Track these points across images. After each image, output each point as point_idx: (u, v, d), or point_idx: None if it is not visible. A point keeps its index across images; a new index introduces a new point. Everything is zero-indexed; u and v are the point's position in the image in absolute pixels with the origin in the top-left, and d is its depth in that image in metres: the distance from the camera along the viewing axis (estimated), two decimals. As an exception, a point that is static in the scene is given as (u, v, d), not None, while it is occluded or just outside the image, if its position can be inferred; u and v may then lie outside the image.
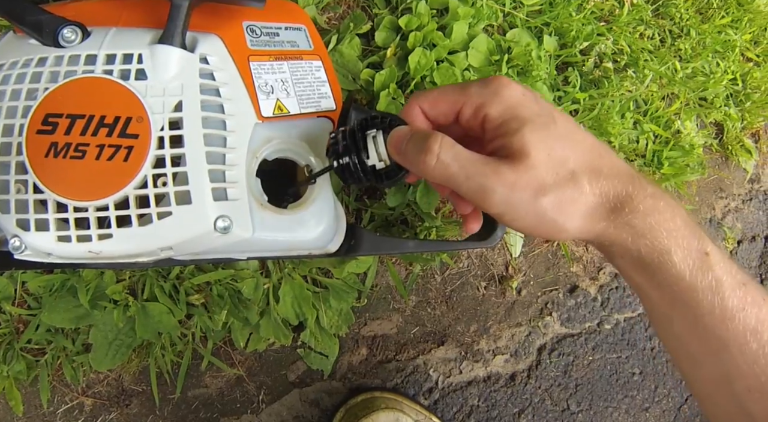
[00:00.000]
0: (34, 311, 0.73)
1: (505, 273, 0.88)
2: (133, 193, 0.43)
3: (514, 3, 0.88)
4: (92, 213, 0.43)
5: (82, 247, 0.43)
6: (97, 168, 0.43)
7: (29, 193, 0.43)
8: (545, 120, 0.43)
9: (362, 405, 0.79)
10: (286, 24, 0.59)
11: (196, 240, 0.46)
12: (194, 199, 0.45)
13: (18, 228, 0.43)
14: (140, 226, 0.44)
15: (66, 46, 0.48)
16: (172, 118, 0.45)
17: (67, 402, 0.77)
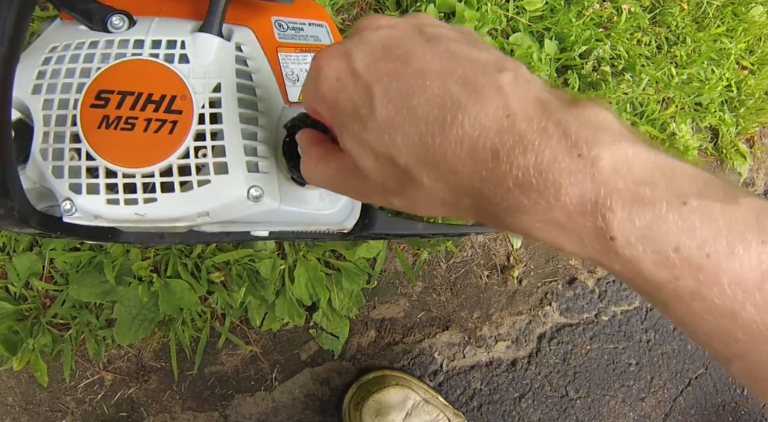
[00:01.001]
0: (60, 287, 0.80)
1: (507, 264, 0.95)
2: (176, 163, 0.50)
3: (517, 8, 0.96)
4: (139, 179, 0.50)
5: (129, 210, 0.50)
6: (145, 139, 0.50)
7: (82, 160, 0.49)
8: (362, 115, 0.36)
9: (374, 381, 0.86)
10: (310, 20, 0.66)
11: (230, 206, 0.52)
12: (231, 169, 0.51)
13: (70, 192, 0.49)
14: (182, 192, 0.50)
15: (114, 31, 0.55)
16: (212, 97, 0.52)
17: (88, 377, 0.84)
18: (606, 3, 1.03)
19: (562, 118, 0.30)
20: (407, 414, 0.83)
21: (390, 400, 0.83)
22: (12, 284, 0.79)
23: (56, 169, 0.49)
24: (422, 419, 0.83)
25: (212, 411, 0.87)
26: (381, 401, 0.83)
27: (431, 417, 0.83)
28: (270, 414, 0.88)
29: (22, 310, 0.79)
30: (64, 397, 0.84)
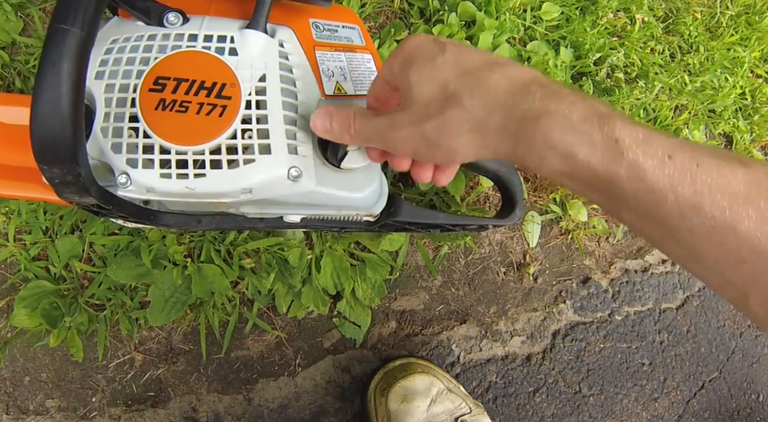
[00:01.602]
0: (98, 269, 0.87)
1: (523, 261, 1.02)
2: (224, 142, 0.58)
3: (534, 18, 1.04)
4: (190, 156, 0.57)
5: (180, 183, 0.57)
6: (197, 120, 0.57)
7: (139, 138, 0.57)
8: (432, 53, 0.48)
9: (400, 368, 0.92)
10: (343, 23, 0.75)
11: (271, 184, 0.60)
12: (273, 150, 0.59)
13: (127, 166, 0.57)
14: (229, 169, 0.58)
15: (169, 27, 0.63)
16: (258, 86, 0.61)
17: (119, 356, 0.91)
18: (620, 13, 1.11)
19: (565, 84, 0.47)
20: (432, 401, 0.89)
21: (416, 386, 0.89)
22: (53, 265, 0.87)
23: (115, 145, 0.57)
24: (446, 406, 0.89)
25: (236, 394, 0.94)
26: (407, 387, 0.89)
27: (454, 405, 0.89)
28: (292, 398, 0.94)
29: (61, 290, 0.87)
30: (95, 375, 0.91)
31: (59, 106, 0.45)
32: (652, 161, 0.38)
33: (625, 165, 0.39)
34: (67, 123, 0.45)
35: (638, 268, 1.10)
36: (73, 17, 0.45)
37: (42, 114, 0.45)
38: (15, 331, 0.89)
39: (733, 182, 0.36)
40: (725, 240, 0.36)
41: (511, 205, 0.82)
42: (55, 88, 0.44)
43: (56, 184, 0.49)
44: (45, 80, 0.45)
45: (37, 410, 0.91)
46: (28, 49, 0.91)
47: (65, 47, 0.45)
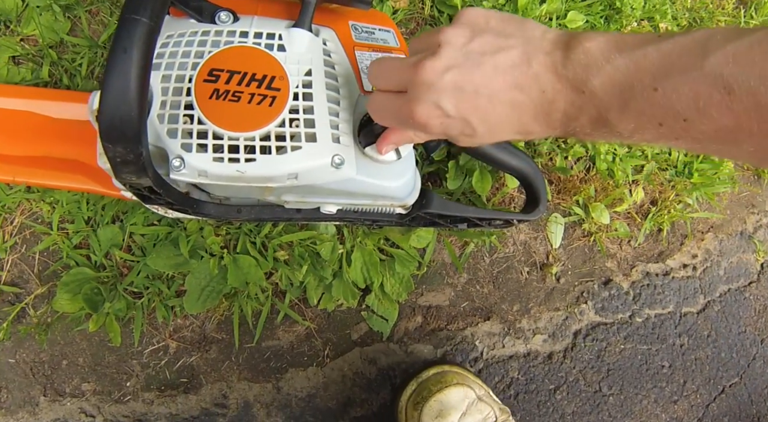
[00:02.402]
0: (137, 258, 0.94)
1: (546, 261, 1.08)
2: (274, 130, 0.65)
3: (560, 26, 1.11)
4: (242, 142, 0.64)
5: (232, 167, 0.64)
6: (248, 109, 0.64)
7: (194, 124, 0.64)
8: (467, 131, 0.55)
9: (434, 379, 0.97)
10: (380, 26, 0.82)
11: (316, 171, 0.66)
12: (319, 138, 0.66)
13: (182, 150, 0.63)
14: (277, 155, 0.64)
15: (221, 24, 0.70)
16: (304, 80, 0.68)
17: (154, 343, 0.98)
18: (644, 22, 1.18)
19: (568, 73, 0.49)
20: (463, 413, 0.93)
21: (451, 400, 0.93)
22: (93, 253, 0.94)
23: (171, 130, 0.63)
24: (475, 418, 0.93)
25: (266, 383, 1.00)
26: (443, 401, 0.93)
27: (483, 416, 0.94)
28: (320, 388, 1.01)
29: (102, 277, 0.94)
30: (130, 361, 0.98)
31: (128, 89, 0.51)
32: (651, 134, 0.45)
33: (635, 140, 0.48)
34: (134, 105, 0.52)
35: (659, 272, 1.16)
36: (144, 8, 0.52)
37: (111, 96, 0.51)
38: (56, 316, 0.95)
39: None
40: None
41: (535, 201, 0.89)
42: (125, 72, 0.51)
43: (117, 163, 0.55)
44: (116, 65, 0.51)
45: (73, 393, 0.97)
46: (74, 48, 0.99)
47: (136, 35, 0.52)
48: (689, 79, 0.41)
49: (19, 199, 0.95)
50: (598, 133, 0.49)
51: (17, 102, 0.91)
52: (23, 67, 0.98)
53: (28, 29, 0.98)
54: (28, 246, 0.97)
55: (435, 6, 1.08)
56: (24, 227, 0.96)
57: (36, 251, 0.96)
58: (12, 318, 0.95)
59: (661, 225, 1.15)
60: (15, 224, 0.96)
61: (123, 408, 0.98)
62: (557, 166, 1.07)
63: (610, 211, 1.10)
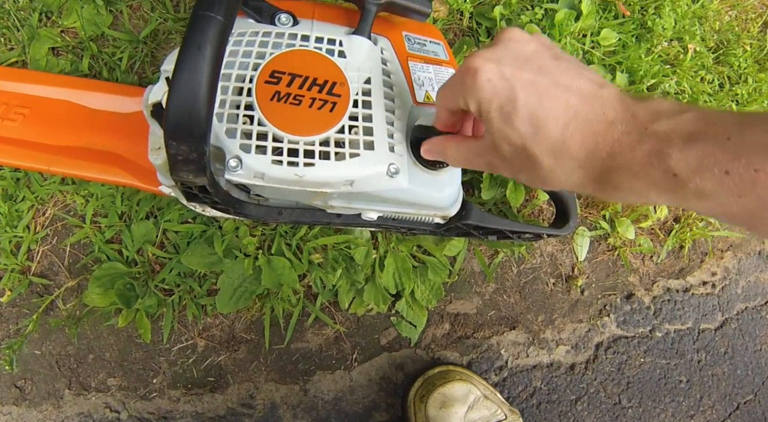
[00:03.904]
0: (170, 255, 0.95)
1: (571, 274, 1.09)
2: (333, 136, 0.65)
3: (593, 43, 1.12)
4: (302, 146, 0.64)
5: (290, 170, 0.64)
6: (309, 114, 0.65)
7: (254, 125, 0.64)
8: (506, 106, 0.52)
9: (439, 375, 0.99)
10: (430, 39, 0.83)
11: (371, 178, 0.67)
12: (376, 147, 0.66)
13: (240, 151, 0.63)
14: (336, 161, 0.65)
15: (280, 26, 0.71)
16: (364, 88, 0.69)
17: (182, 341, 0.98)
18: (673, 42, 1.19)
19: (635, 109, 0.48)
20: (469, 407, 0.95)
21: (454, 393, 0.96)
22: (126, 248, 0.94)
23: (230, 130, 0.64)
24: (482, 413, 0.95)
25: (293, 384, 1.01)
26: (446, 394, 0.96)
27: (490, 412, 0.96)
28: (347, 392, 1.01)
29: (133, 273, 0.94)
30: (157, 358, 0.98)
31: (199, 86, 0.51)
32: (711, 182, 0.42)
33: (688, 191, 0.43)
34: (204, 103, 0.52)
35: (680, 288, 1.17)
36: (218, 6, 0.52)
37: (182, 92, 0.51)
38: (85, 310, 0.95)
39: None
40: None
41: (566, 217, 0.91)
42: (197, 69, 0.51)
43: (178, 160, 0.55)
44: (188, 61, 0.51)
45: (99, 387, 0.97)
46: (115, 42, 0.99)
47: (210, 32, 0.52)
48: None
49: (52, 190, 0.95)
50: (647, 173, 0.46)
51: (56, 91, 0.91)
52: (62, 58, 0.97)
53: (68, 21, 0.98)
54: (59, 239, 0.97)
55: (474, 18, 1.09)
56: (56, 219, 0.96)
57: (67, 244, 0.96)
58: (42, 309, 0.95)
59: (683, 242, 1.17)
60: (47, 215, 0.96)
61: (148, 405, 0.98)
62: (586, 180, 1.08)
63: (634, 227, 1.12)
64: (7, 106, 0.90)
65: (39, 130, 0.89)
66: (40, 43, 0.97)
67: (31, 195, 0.95)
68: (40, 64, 0.97)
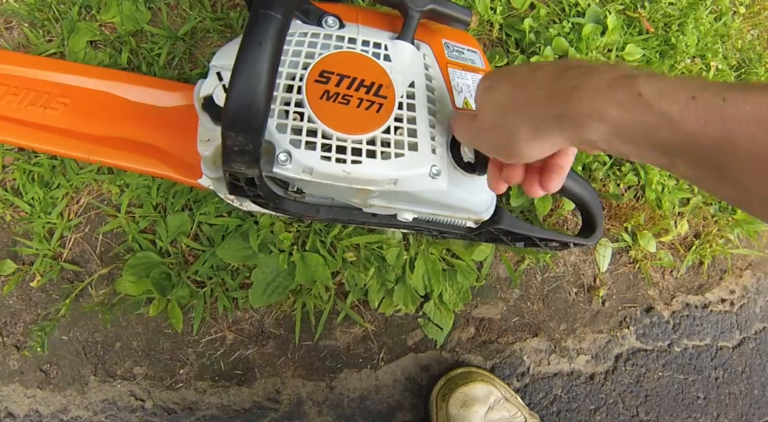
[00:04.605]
0: (203, 247, 0.96)
1: (593, 284, 1.11)
2: (380, 136, 0.67)
3: (618, 57, 1.14)
4: (349, 143, 0.66)
5: (338, 167, 0.66)
6: (357, 113, 0.66)
7: (304, 122, 0.65)
8: (492, 87, 0.58)
9: (461, 376, 1.01)
10: (468, 47, 0.85)
11: (414, 178, 0.69)
12: (420, 148, 0.68)
13: (290, 146, 0.65)
14: (382, 160, 0.66)
15: (327, 28, 0.73)
16: (408, 91, 0.70)
17: (211, 333, 1.00)
18: (696, 59, 1.21)
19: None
20: (489, 408, 0.96)
21: (475, 393, 0.97)
22: (160, 239, 0.96)
23: (280, 125, 0.65)
24: (502, 414, 0.97)
25: (320, 381, 1.02)
26: (467, 393, 0.97)
27: (510, 414, 0.97)
28: (372, 390, 1.03)
29: (166, 263, 0.95)
30: (185, 349, 0.99)
31: (259, 79, 0.53)
32: (677, 106, 0.41)
33: (653, 114, 0.43)
34: (262, 96, 0.54)
35: (699, 304, 1.18)
36: (278, 5, 0.54)
37: (242, 85, 0.53)
38: (117, 297, 0.97)
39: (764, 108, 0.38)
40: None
41: (592, 227, 0.92)
42: (258, 63, 0.53)
43: (234, 151, 0.57)
44: (249, 56, 0.53)
45: (124, 375, 0.98)
46: (153, 37, 1.01)
47: (270, 29, 0.54)
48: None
49: (88, 179, 0.96)
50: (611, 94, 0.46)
51: (97, 82, 0.94)
52: (101, 51, 0.99)
53: (107, 16, 1.00)
54: (92, 227, 0.98)
55: (503, 29, 1.11)
56: (90, 207, 0.98)
57: (100, 232, 0.98)
58: (75, 294, 0.96)
59: (703, 258, 1.18)
60: (81, 204, 0.98)
61: (174, 395, 0.99)
62: (610, 192, 1.09)
63: (656, 241, 1.13)
64: (50, 95, 0.92)
65: (80, 120, 0.92)
66: (79, 35, 0.99)
67: (66, 183, 0.97)
68: (79, 56, 0.99)
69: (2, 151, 0.97)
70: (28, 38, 1.00)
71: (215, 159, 0.75)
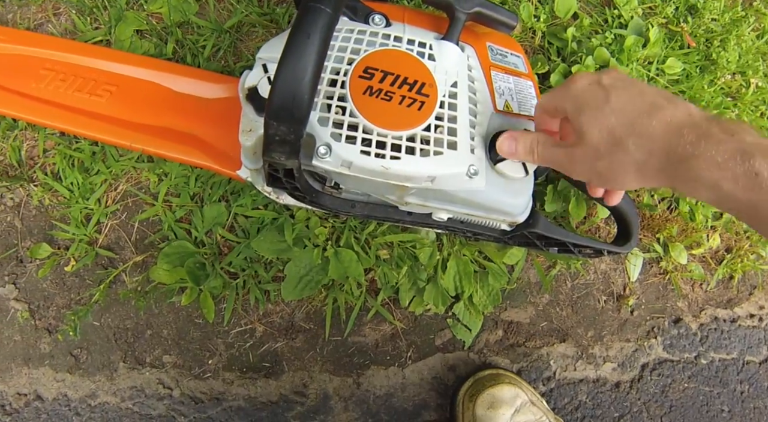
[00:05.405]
0: (238, 239, 0.97)
1: (623, 293, 1.10)
2: (420, 133, 0.67)
3: (658, 70, 1.13)
4: (389, 139, 0.66)
5: (378, 162, 0.66)
6: (399, 110, 0.66)
7: (346, 116, 0.66)
8: (599, 102, 0.59)
9: (489, 377, 1.00)
10: (511, 51, 0.85)
11: (451, 177, 0.69)
12: (459, 147, 0.68)
13: (331, 139, 0.65)
14: (420, 157, 0.66)
15: (374, 26, 0.73)
16: (450, 91, 0.70)
17: (241, 325, 1.00)
18: (736, 76, 1.20)
19: (717, 119, 0.53)
20: (516, 410, 0.96)
21: (503, 395, 0.97)
22: (195, 229, 0.97)
23: (322, 119, 0.66)
24: (528, 418, 0.96)
25: (347, 377, 1.02)
26: (494, 395, 0.97)
27: (536, 418, 0.97)
28: (398, 388, 1.03)
29: (201, 253, 0.96)
30: (215, 339, 1.00)
31: (305, 71, 0.54)
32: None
33: (764, 193, 0.47)
34: (308, 88, 0.54)
35: (727, 318, 1.17)
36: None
37: (289, 75, 0.54)
38: (151, 285, 0.98)
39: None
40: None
41: (627, 235, 0.91)
42: (306, 54, 0.54)
43: (276, 141, 0.57)
44: (297, 46, 0.54)
45: (153, 363, 0.99)
46: (199, 29, 1.02)
47: (319, 22, 0.55)
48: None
49: (127, 166, 0.97)
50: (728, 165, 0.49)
51: (143, 71, 0.95)
52: (147, 40, 1.01)
53: (154, 6, 1.01)
54: (128, 214, 0.99)
55: (546, 37, 1.11)
56: (128, 195, 0.99)
57: (136, 220, 0.99)
58: (110, 280, 0.97)
59: (733, 272, 1.17)
60: (119, 191, 0.99)
61: (201, 385, 1.00)
62: (644, 202, 1.08)
63: (687, 253, 1.12)
64: (96, 82, 0.94)
65: (124, 108, 0.93)
66: (126, 24, 1.00)
67: (105, 169, 0.98)
68: (125, 44, 1.00)
69: (44, 136, 0.99)
70: (75, 25, 1.02)
71: (256, 149, 0.75)
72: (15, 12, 1.04)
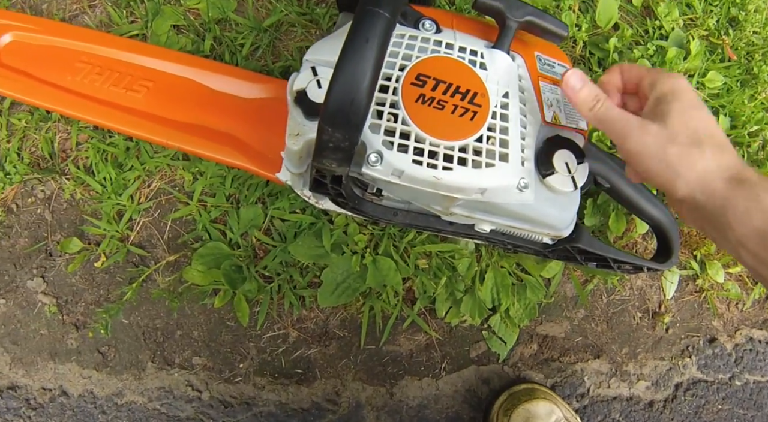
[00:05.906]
0: (274, 243, 0.96)
1: (658, 310, 1.08)
2: (472, 144, 0.65)
3: (698, 84, 1.11)
4: (442, 149, 0.64)
5: (429, 172, 0.64)
6: (452, 120, 0.65)
7: (398, 124, 0.64)
8: (697, 102, 0.61)
9: (524, 392, 0.99)
10: (559, 61, 0.83)
11: (502, 190, 0.67)
12: (510, 159, 0.66)
13: (382, 146, 0.64)
14: (472, 168, 0.65)
15: (424, 32, 0.71)
16: (502, 101, 0.69)
17: (274, 330, 0.99)
18: (777, 91, 1.18)
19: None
20: (550, 426, 0.95)
21: (538, 411, 0.95)
22: (230, 230, 0.96)
23: (374, 126, 0.64)
24: (562, 434, 0.95)
25: (380, 387, 1.01)
26: (530, 410, 0.95)
27: (571, 434, 0.95)
28: (431, 400, 1.01)
29: (236, 255, 0.94)
30: (247, 343, 0.99)
31: (363, 76, 0.52)
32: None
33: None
34: (365, 94, 0.53)
35: (762, 339, 1.15)
36: (386, 3, 0.53)
37: (346, 80, 0.52)
38: (184, 286, 0.97)
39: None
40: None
41: (668, 251, 0.89)
42: (364, 59, 0.52)
43: (328, 147, 0.56)
44: (355, 51, 0.52)
45: (182, 364, 0.98)
46: (237, 27, 1.01)
47: (377, 27, 0.53)
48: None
49: (162, 164, 0.96)
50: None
51: (180, 68, 0.94)
52: (184, 36, 1.00)
53: (193, 1, 1.01)
54: (161, 212, 0.98)
55: (587, 47, 1.09)
56: (161, 192, 0.98)
57: (170, 218, 0.98)
58: (143, 279, 0.96)
59: (770, 292, 1.15)
60: (152, 188, 0.98)
61: (231, 389, 0.99)
62: (682, 218, 1.07)
63: (724, 271, 1.10)
64: (133, 77, 0.93)
65: (161, 104, 0.92)
66: (163, 19, 0.99)
67: (139, 165, 0.97)
68: (161, 39, 0.99)
69: (77, 129, 0.98)
70: (111, 17, 1.01)
71: (302, 154, 0.74)
72: (50, 2, 1.03)
